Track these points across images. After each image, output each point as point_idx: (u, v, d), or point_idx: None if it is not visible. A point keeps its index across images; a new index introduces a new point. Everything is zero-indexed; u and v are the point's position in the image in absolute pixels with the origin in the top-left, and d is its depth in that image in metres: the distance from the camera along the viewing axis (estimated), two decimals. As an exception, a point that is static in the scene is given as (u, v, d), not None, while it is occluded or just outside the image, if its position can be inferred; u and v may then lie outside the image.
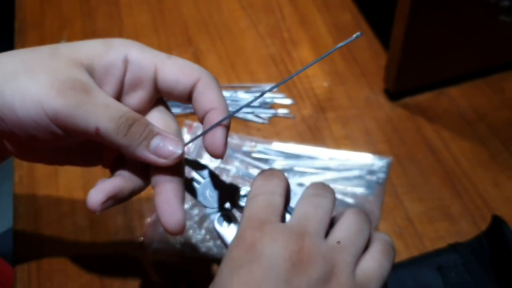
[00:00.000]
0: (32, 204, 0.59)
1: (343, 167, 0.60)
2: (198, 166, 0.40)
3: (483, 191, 0.58)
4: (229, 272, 0.32)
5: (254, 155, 0.61)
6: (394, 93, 0.66)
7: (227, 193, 0.40)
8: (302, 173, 0.60)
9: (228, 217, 0.38)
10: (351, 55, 0.72)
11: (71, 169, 0.62)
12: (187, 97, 0.36)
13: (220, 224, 0.38)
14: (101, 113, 0.32)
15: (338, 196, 0.58)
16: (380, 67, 0.68)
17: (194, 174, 0.40)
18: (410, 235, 0.55)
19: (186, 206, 0.57)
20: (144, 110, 0.37)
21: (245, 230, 0.33)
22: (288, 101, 0.67)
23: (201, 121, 0.36)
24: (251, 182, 0.43)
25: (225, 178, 0.58)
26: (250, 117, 0.65)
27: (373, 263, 0.34)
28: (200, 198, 0.40)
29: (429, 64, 0.64)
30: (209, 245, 0.55)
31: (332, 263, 0.32)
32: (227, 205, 0.39)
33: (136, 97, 0.37)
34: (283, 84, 0.69)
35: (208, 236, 0.56)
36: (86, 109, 0.32)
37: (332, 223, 0.35)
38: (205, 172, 0.40)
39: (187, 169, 0.38)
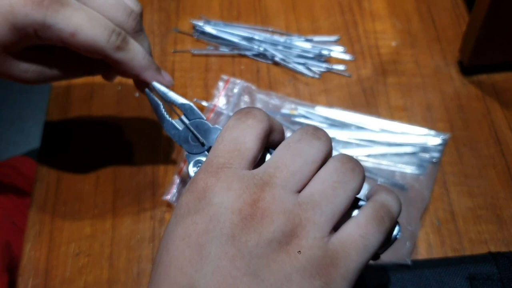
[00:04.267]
0: (63, 126, 0.58)
1: (394, 142, 0.54)
2: (181, 106, 0.38)
3: (546, 197, 0.50)
4: (175, 221, 0.28)
5: (294, 119, 0.56)
6: (468, 67, 0.58)
7: (211, 137, 0.36)
8: (346, 144, 0.54)
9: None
10: (429, 15, 0.63)
11: (106, 94, 0.60)
12: None
13: (194, 167, 0.34)
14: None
15: (384, 173, 0.52)
16: (459, 34, 0.60)
17: (184, 118, 0.37)
18: (449, 232, 0.49)
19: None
20: None
21: (199, 174, 0.29)
22: (347, 57, 0.61)
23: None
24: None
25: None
26: (301, 68, 0.59)
27: (356, 230, 0.28)
28: (181, 142, 0.36)
29: (517, 39, 0.55)
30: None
31: (295, 222, 0.27)
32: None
33: None
34: (346, 36, 0.62)
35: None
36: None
37: None
38: (188, 111, 0.37)
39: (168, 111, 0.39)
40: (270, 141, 0.31)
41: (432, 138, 0.53)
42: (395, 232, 0.31)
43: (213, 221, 0.26)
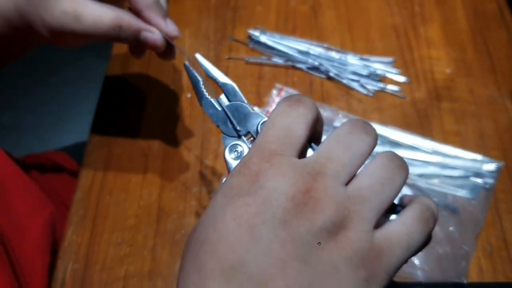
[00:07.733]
0: (113, 116, 0.58)
1: (446, 164, 0.53)
2: (223, 85, 0.35)
3: None
4: (224, 201, 0.28)
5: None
6: (525, 99, 0.57)
7: (251, 122, 0.33)
8: (397, 160, 0.53)
9: (242, 147, 0.33)
10: (485, 47, 0.63)
11: (160, 92, 0.60)
12: None
13: (231, 153, 0.32)
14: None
15: (436, 194, 0.51)
16: (516, 67, 0.60)
17: (222, 97, 0.35)
18: (501, 259, 0.48)
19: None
20: None
21: (252, 157, 0.29)
22: (401, 78, 0.61)
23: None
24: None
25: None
26: (355, 85, 0.59)
27: (402, 229, 0.28)
28: (219, 122, 0.34)
29: None
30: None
31: (344, 213, 0.27)
32: (248, 135, 0.33)
33: None
34: (400, 59, 0.62)
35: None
36: None
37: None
38: (230, 92, 0.35)
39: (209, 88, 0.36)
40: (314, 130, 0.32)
41: (486, 164, 0.53)
42: None
43: (266, 204, 0.27)
